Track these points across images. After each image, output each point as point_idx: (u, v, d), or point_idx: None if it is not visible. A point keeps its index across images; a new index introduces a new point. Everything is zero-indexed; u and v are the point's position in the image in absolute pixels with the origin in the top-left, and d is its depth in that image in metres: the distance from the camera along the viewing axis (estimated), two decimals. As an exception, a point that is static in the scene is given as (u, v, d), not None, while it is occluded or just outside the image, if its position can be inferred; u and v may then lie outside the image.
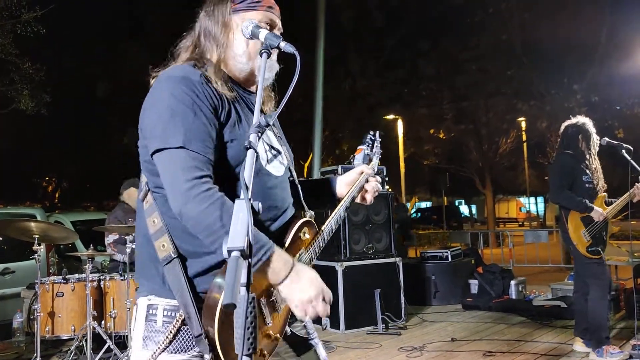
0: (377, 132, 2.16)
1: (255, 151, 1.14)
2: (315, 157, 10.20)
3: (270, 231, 1.59)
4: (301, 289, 1.43)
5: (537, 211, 41.33)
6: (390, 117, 20.41)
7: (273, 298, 1.53)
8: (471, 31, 16.26)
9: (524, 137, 21.62)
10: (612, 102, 14.93)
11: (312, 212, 1.77)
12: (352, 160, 2.11)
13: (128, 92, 14.90)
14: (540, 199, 41.57)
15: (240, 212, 0.99)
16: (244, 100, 1.65)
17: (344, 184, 1.92)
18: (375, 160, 2.09)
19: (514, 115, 18.70)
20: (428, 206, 42.57)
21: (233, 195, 1.41)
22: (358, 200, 1.94)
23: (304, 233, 1.67)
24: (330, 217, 1.78)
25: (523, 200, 44.76)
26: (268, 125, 1.21)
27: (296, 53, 1.45)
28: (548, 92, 14.76)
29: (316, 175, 9.20)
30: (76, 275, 5.04)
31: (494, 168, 21.66)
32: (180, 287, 1.47)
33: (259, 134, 1.19)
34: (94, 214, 11.84)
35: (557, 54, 13.89)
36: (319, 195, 1.96)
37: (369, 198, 1.95)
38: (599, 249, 4.49)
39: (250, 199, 1.04)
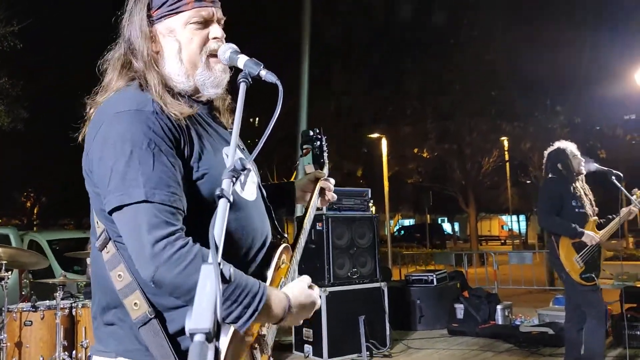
0: (321, 129, 2.04)
1: (229, 200, 0.97)
2: (299, 175, 10.12)
3: (254, 265, 1.43)
4: (302, 314, 1.40)
5: (519, 229, 41.53)
6: (375, 135, 20.37)
7: (263, 342, 1.43)
8: (455, 51, 16.38)
9: (507, 157, 21.76)
10: (594, 123, 15.10)
11: (286, 236, 1.61)
12: (297, 162, 2.03)
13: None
14: (522, 217, 41.81)
15: (207, 281, 0.81)
16: (201, 116, 1.45)
17: (300, 191, 1.87)
18: (326, 160, 2.00)
19: (498, 135, 18.81)
20: (411, 224, 42.59)
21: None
22: (319, 204, 1.90)
23: (283, 261, 1.53)
24: (301, 235, 1.68)
25: (505, 218, 45.00)
26: (244, 169, 1.04)
27: (278, 83, 1.27)
28: (531, 113, 14.86)
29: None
30: (46, 302, 4.78)
31: (477, 187, 21.72)
32: (163, 349, 1.28)
33: (234, 180, 1.02)
34: (72, 232, 11.53)
35: (540, 76, 14.02)
36: (282, 202, 1.86)
37: (326, 202, 1.92)
38: (593, 275, 4.36)
39: (219, 264, 0.86)
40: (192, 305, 0.82)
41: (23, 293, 7.06)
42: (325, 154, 2.01)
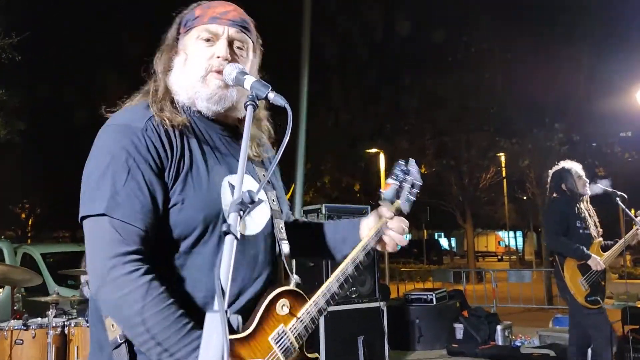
0: (412, 161, 1.73)
1: (236, 238, 0.89)
2: (297, 191, 10.02)
3: (243, 300, 1.31)
4: None
5: (516, 245, 41.46)
6: (373, 150, 20.37)
7: None
8: (453, 68, 16.43)
9: (504, 173, 21.75)
10: (592, 140, 15.11)
11: (297, 277, 1.41)
12: (378, 198, 1.65)
13: (106, 121, 14.59)
14: (519, 234, 41.74)
15: (214, 333, 0.72)
16: (205, 134, 1.38)
17: (367, 229, 1.57)
18: (403, 200, 1.65)
19: (495, 152, 18.81)
20: (408, 238, 42.35)
21: (180, 279, 1.18)
22: (379, 247, 1.58)
23: (283, 306, 1.33)
24: (330, 280, 1.42)
25: (502, 234, 44.95)
26: (253, 202, 0.96)
27: (287, 106, 1.21)
28: (530, 130, 14.87)
29: (298, 210, 8.95)
30: (38, 320, 4.66)
31: (474, 203, 21.67)
32: None
33: (241, 214, 0.94)
34: (66, 245, 11.41)
35: (539, 93, 14.05)
36: (331, 245, 1.62)
37: (388, 249, 1.58)
38: (598, 298, 4.27)
39: (227, 311, 0.77)
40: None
41: (15, 308, 6.94)
42: (409, 189, 1.67)
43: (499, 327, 7.07)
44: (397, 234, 1.56)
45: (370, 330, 5.98)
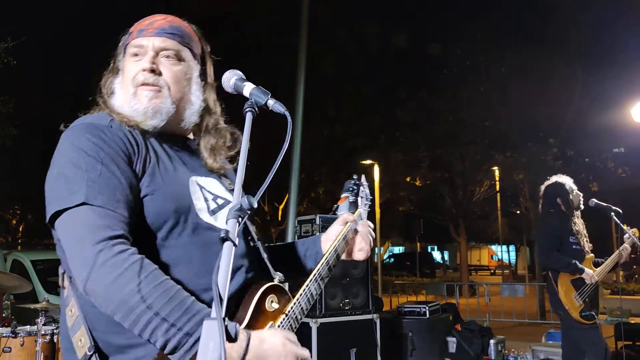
0: (362, 177, 1.90)
1: (234, 244, 0.87)
2: (291, 201, 9.97)
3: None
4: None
5: (509, 260, 41.47)
6: (367, 162, 20.39)
7: None
8: (449, 82, 16.52)
9: (497, 187, 21.80)
10: (586, 155, 15.20)
11: (281, 275, 1.41)
12: (335, 210, 1.80)
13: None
14: (512, 248, 41.76)
15: (210, 341, 0.69)
16: (159, 138, 1.37)
17: (328, 242, 1.60)
18: (362, 209, 1.80)
19: (490, 165, 18.87)
20: (402, 251, 42.47)
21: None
22: (344, 257, 1.63)
23: (271, 302, 1.32)
24: (309, 280, 1.45)
25: (495, 248, 45.00)
26: (252, 208, 0.94)
27: (287, 114, 1.20)
28: (524, 143, 14.94)
29: (292, 221, 8.91)
30: (27, 328, 4.60)
31: (468, 216, 21.69)
32: None
33: (239, 220, 0.92)
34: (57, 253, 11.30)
35: (533, 107, 14.14)
36: (295, 262, 1.62)
37: (361, 254, 1.65)
38: (593, 313, 4.26)
39: (225, 318, 0.75)
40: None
41: (4, 315, 6.85)
42: (364, 201, 1.82)
43: (492, 342, 7.04)
44: (367, 238, 1.66)
45: (363, 343, 5.93)
